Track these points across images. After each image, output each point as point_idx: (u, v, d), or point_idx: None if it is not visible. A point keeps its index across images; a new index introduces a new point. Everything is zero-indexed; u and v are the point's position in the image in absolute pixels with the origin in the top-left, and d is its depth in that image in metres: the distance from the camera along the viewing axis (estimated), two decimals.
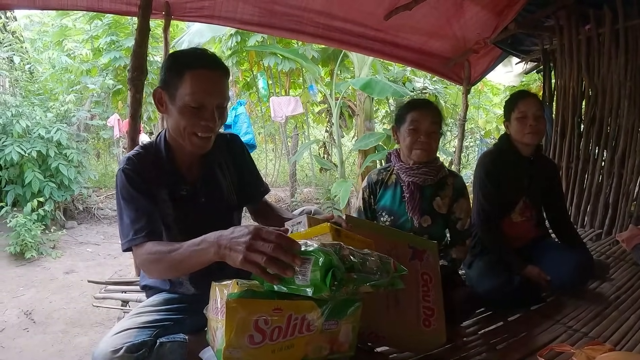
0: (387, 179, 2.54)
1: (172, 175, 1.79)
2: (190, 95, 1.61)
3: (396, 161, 2.50)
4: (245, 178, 2.04)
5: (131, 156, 1.75)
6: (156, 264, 1.55)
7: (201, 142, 1.70)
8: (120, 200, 1.70)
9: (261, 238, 1.20)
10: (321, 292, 1.12)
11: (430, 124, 2.35)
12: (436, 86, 8.83)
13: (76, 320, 4.62)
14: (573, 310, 2.44)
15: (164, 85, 1.69)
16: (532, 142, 2.73)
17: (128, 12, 3.70)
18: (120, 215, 1.69)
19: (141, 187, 1.69)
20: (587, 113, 4.45)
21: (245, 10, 3.93)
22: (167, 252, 1.47)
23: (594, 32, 4.25)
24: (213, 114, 1.66)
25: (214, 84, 1.67)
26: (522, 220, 2.86)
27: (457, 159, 5.93)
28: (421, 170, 2.38)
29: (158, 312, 1.72)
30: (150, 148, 1.82)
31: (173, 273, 1.63)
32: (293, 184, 10.03)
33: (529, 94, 2.81)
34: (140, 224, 1.62)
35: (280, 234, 1.22)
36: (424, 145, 2.34)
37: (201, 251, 1.34)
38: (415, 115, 2.36)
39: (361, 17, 4.27)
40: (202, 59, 1.67)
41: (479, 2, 4.15)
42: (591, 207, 4.36)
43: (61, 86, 9.42)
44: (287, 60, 8.45)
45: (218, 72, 1.68)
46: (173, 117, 1.69)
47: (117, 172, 1.73)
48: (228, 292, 1.21)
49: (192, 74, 1.62)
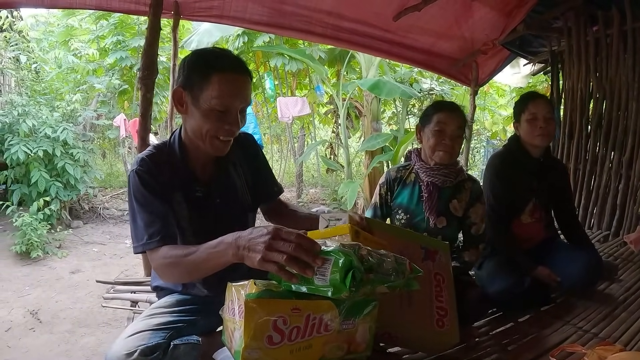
0: (405, 177, 2.52)
1: (186, 176, 1.76)
2: (217, 98, 1.58)
3: (417, 160, 2.48)
4: (260, 178, 2.02)
5: (144, 157, 1.71)
6: (172, 268, 1.54)
7: (222, 145, 1.68)
8: (133, 203, 1.67)
9: (281, 238, 1.20)
10: (340, 293, 1.11)
11: (456, 128, 2.34)
12: (443, 87, 8.81)
13: (83, 320, 4.62)
14: (583, 311, 2.43)
15: (187, 84, 1.64)
16: (542, 143, 2.72)
17: (137, 12, 3.69)
18: (134, 218, 1.66)
19: (155, 189, 1.66)
20: (594, 114, 4.43)
21: (254, 10, 3.93)
22: (183, 255, 1.46)
23: (602, 33, 4.24)
24: (237, 118, 1.64)
25: (240, 87, 1.64)
26: (531, 221, 2.85)
27: (464, 160, 5.91)
28: (441, 171, 2.38)
29: (171, 314, 1.70)
30: (164, 148, 1.78)
31: (190, 277, 1.60)
32: (299, 184, 10.03)
33: (539, 96, 2.79)
34: (155, 228, 1.60)
35: (300, 234, 1.21)
36: (448, 147, 2.33)
37: (219, 253, 1.33)
38: (442, 116, 2.35)
39: (370, 17, 4.27)
40: (229, 61, 1.63)
41: (487, 3, 4.14)
42: (599, 208, 4.34)
43: (67, 86, 9.45)
44: (294, 61, 8.46)
45: (244, 75, 1.66)
46: (195, 119, 1.64)
47: (130, 174, 1.70)
48: (246, 292, 1.20)
49: (219, 76, 1.58)
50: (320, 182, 10.75)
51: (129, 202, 1.70)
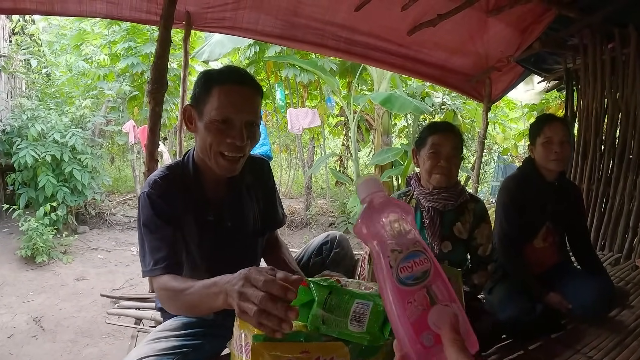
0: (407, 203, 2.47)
1: (198, 198, 1.72)
2: (216, 109, 1.54)
3: (416, 185, 2.43)
4: (269, 205, 1.97)
5: (157, 179, 1.67)
6: (170, 302, 1.49)
7: (227, 163, 1.62)
8: (141, 226, 1.62)
9: (251, 284, 1.07)
10: (378, 342, 1.06)
11: (451, 149, 2.29)
12: (455, 102, 8.77)
13: (86, 329, 4.58)
14: (594, 340, 2.37)
15: (194, 102, 1.63)
16: (557, 168, 2.66)
17: (148, 21, 3.71)
18: (141, 242, 1.62)
19: (166, 214, 1.61)
20: (609, 134, 4.36)
21: (266, 22, 3.92)
22: (181, 291, 1.39)
23: (618, 51, 4.17)
24: (241, 132, 1.57)
25: (242, 99, 1.59)
26: (544, 245, 2.79)
27: (475, 176, 5.85)
28: (441, 195, 2.32)
29: (176, 338, 1.65)
30: (177, 169, 1.74)
31: (189, 313, 1.55)
32: (308, 196, 9.99)
33: (556, 119, 2.72)
34: (160, 255, 1.55)
35: (269, 279, 1.05)
36: (444, 170, 2.28)
37: (211, 297, 1.23)
38: (436, 139, 2.30)
39: (384, 32, 4.24)
40: (231, 74, 1.61)
41: (503, 19, 4.10)
42: (611, 230, 4.25)
43: (77, 90, 9.49)
44: (305, 72, 8.44)
45: (248, 88, 1.61)
46: (200, 135, 1.61)
47: (141, 196, 1.66)
48: (253, 332, 1.14)
49: (220, 88, 1.56)
50: (328, 194, 10.69)
51: (138, 224, 1.66)
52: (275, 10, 3.83)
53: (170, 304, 1.49)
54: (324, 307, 1.16)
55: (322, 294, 1.18)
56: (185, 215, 1.68)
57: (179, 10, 3.38)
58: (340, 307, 1.15)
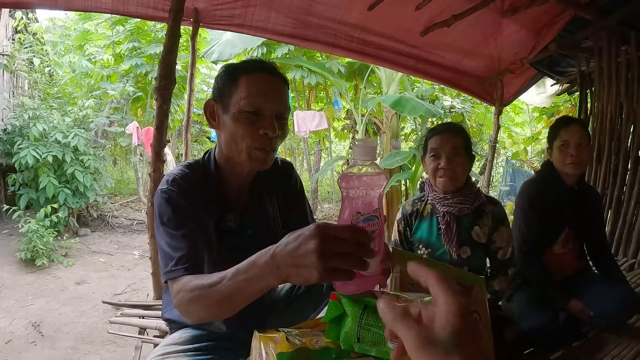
0: (422, 209, 2.40)
1: (219, 201, 1.60)
2: (245, 99, 1.44)
3: (430, 191, 2.36)
4: (294, 211, 1.83)
5: (177, 177, 1.54)
6: (197, 303, 1.27)
7: (262, 155, 1.50)
8: (159, 226, 1.49)
9: (332, 237, 0.93)
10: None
11: (450, 149, 2.22)
12: (464, 105, 8.70)
13: (87, 336, 4.47)
14: (614, 348, 2.33)
15: (218, 95, 1.52)
16: (574, 172, 2.61)
17: (154, 17, 3.64)
18: (159, 243, 1.49)
19: (186, 212, 1.48)
20: (624, 138, 4.29)
21: (277, 20, 3.86)
22: (208, 286, 1.21)
23: (634, 54, 4.11)
24: (272, 122, 1.46)
25: (272, 88, 1.49)
26: (564, 251, 2.72)
27: (486, 181, 5.77)
28: (456, 199, 2.25)
29: (185, 353, 1.55)
30: (197, 168, 1.62)
31: (220, 312, 1.28)
32: (314, 200, 9.94)
33: (573, 121, 2.68)
34: (180, 254, 1.40)
35: (350, 226, 0.97)
36: (446, 172, 2.21)
37: (254, 279, 1.08)
38: (434, 141, 2.26)
39: (397, 32, 4.19)
40: (259, 64, 1.51)
41: (518, 21, 4.05)
42: (625, 235, 4.19)
43: (80, 91, 9.48)
44: (313, 74, 8.39)
45: (277, 78, 1.51)
46: (227, 129, 1.50)
47: (157, 193, 1.53)
48: (276, 350, 1.04)
49: (247, 77, 1.46)
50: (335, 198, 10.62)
51: (155, 225, 1.53)
52: (286, 9, 3.77)
53: (197, 306, 1.28)
54: (359, 324, 1.05)
55: (356, 310, 1.07)
56: (205, 218, 1.55)
57: (188, 6, 3.30)
58: (378, 323, 1.04)
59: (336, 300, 1.11)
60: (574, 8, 3.83)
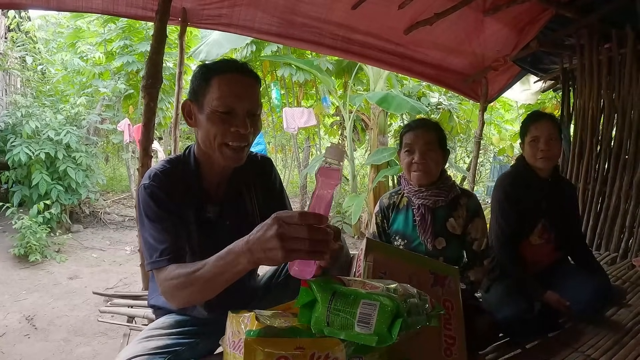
0: (398, 202, 2.48)
1: (199, 194, 1.69)
2: (218, 99, 1.51)
3: (405, 184, 2.44)
4: (271, 204, 1.89)
5: (158, 172, 1.62)
6: (181, 289, 1.40)
7: (233, 153, 1.58)
8: (143, 219, 1.58)
9: (286, 222, 1.10)
10: (386, 342, 1.05)
11: (423, 144, 2.30)
12: (451, 102, 8.76)
13: (79, 328, 4.54)
14: (591, 338, 2.38)
15: (193, 95, 1.60)
16: (545, 166, 2.67)
17: (144, 17, 3.69)
18: (144, 235, 1.58)
19: (167, 205, 1.57)
20: (605, 134, 4.38)
21: (263, 19, 3.92)
22: (192, 272, 1.35)
23: (615, 51, 4.19)
24: (244, 120, 1.55)
25: (243, 88, 1.57)
26: (540, 242, 2.78)
27: (471, 176, 5.86)
28: (431, 192, 2.33)
29: (169, 336, 1.64)
30: (177, 163, 1.70)
31: (202, 295, 1.43)
32: (303, 196, 9.99)
33: (543, 117, 2.73)
34: (164, 246, 1.51)
35: (301, 212, 1.12)
36: (420, 166, 2.29)
37: (231, 264, 1.24)
38: (407, 137, 2.33)
39: (381, 31, 4.25)
40: (230, 64, 1.59)
41: (500, 19, 4.11)
42: (607, 229, 4.27)
43: (72, 88, 9.47)
44: (302, 71, 8.44)
45: (248, 77, 1.59)
46: (202, 128, 1.58)
47: (140, 188, 1.62)
48: (246, 328, 1.13)
49: (219, 78, 1.54)
50: None
51: (139, 218, 1.62)
52: (272, 8, 3.84)
53: (182, 292, 1.41)
54: (328, 309, 1.14)
55: (325, 295, 1.16)
56: (186, 211, 1.64)
57: (175, 6, 3.37)
58: (345, 308, 1.14)
59: (307, 287, 1.20)
60: (555, 6, 3.90)
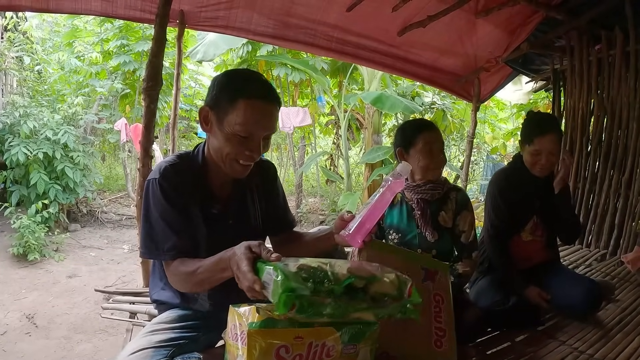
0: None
1: (205, 191, 1.75)
2: (241, 125, 1.56)
3: None
4: (273, 207, 1.98)
5: (168, 166, 1.69)
6: (183, 282, 1.63)
7: (241, 168, 1.66)
8: (152, 211, 1.64)
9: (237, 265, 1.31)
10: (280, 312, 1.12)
11: (440, 144, 2.42)
12: (445, 101, 8.83)
13: (79, 326, 4.60)
14: (579, 332, 2.43)
15: (214, 105, 1.62)
16: (541, 175, 2.69)
17: (142, 19, 3.74)
18: (150, 226, 1.64)
19: (176, 200, 1.64)
20: (595, 133, 4.44)
21: (259, 21, 3.97)
22: (191, 272, 1.54)
23: (604, 53, 4.25)
24: (259, 145, 1.62)
25: (266, 116, 1.61)
26: (532, 239, 2.82)
27: (464, 175, 5.92)
28: (428, 186, 2.41)
29: (172, 330, 1.69)
30: (187, 159, 1.76)
31: (202, 289, 1.69)
32: (299, 194, 10.03)
33: (549, 131, 2.64)
34: (171, 242, 1.60)
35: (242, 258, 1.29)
36: (439, 164, 2.40)
37: (220, 270, 1.42)
38: (427, 136, 2.38)
39: (375, 32, 4.31)
40: (258, 88, 1.62)
41: (492, 21, 4.17)
42: (597, 227, 4.32)
43: (69, 88, 9.46)
44: (297, 71, 8.48)
45: (272, 105, 1.63)
46: (217, 140, 1.63)
47: (150, 181, 1.66)
48: (248, 320, 1.20)
49: (246, 103, 1.56)
50: (319, 193, 10.73)
51: (145, 209, 1.67)
52: (268, 10, 3.89)
53: (184, 285, 1.66)
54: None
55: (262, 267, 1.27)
56: (194, 206, 1.71)
57: (173, 8, 3.40)
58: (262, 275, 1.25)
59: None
60: (545, 9, 3.95)
